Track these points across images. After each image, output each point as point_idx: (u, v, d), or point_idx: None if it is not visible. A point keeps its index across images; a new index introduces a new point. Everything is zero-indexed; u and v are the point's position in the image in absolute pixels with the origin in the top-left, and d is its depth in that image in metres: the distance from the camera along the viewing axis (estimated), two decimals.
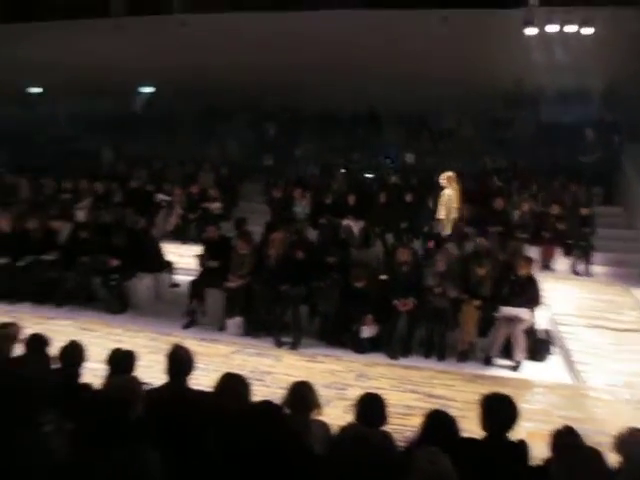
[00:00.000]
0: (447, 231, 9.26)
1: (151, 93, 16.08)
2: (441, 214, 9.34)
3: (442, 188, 9.46)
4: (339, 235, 8.87)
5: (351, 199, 10.50)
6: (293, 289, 7.12)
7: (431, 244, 8.76)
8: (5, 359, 4.15)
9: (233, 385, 3.26)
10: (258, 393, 3.70)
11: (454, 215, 9.28)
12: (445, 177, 9.36)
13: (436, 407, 3.47)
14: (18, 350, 4.28)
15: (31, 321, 6.96)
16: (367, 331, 6.84)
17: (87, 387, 3.99)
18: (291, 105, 14.04)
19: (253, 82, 13.17)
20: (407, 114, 13.37)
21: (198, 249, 8.44)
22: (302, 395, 3.40)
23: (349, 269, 7.22)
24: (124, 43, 14.55)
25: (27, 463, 2.18)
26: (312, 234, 9.64)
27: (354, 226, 9.36)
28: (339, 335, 7.06)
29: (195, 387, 3.58)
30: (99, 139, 15.02)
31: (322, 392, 3.82)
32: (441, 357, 6.85)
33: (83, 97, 15.76)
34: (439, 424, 3.15)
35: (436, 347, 6.91)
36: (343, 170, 12.69)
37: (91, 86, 14.72)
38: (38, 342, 4.23)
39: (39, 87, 16.89)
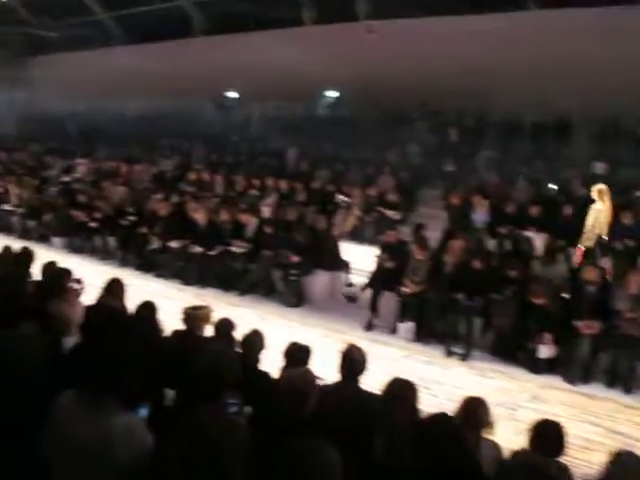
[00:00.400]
0: (588, 244, 8.40)
1: (336, 97, 16.64)
2: (587, 227, 8.48)
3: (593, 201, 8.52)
4: (520, 247, 8.46)
5: (534, 210, 9.94)
6: (468, 299, 6.92)
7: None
8: (198, 338, 4.55)
9: (403, 391, 3.23)
10: (425, 402, 3.65)
11: (598, 231, 8.38)
12: (596, 190, 8.46)
13: (621, 446, 3.16)
14: (209, 331, 4.68)
15: (218, 306, 7.57)
16: (545, 351, 6.44)
17: (265, 375, 4.23)
18: (474, 111, 13.72)
19: (436, 87, 13.08)
20: (600, 118, 12.35)
21: (374, 251, 8.57)
22: (475, 412, 3.29)
23: (529, 283, 6.86)
24: (312, 50, 15.30)
25: (217, 443, 2.28)
26: (490, 244, 9.31)
27: (536, 238, 8.86)
28: (513, 352, 6.74)
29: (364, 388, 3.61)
30: (286, 140, 15.86)
31: (491, 410, 3.66)
32: (628, 389, 6.21)
33: (273, 101, 16.77)
34: (627, 469, 2.85)
35: (622, 377, 6.28)
36: (525, 179, 12.05)
37: (281, 91, 15.59)
38: (227, 326, 4.56)
39: (235, 92, 18.27)
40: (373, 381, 3.68)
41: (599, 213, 8.38)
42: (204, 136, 17.36)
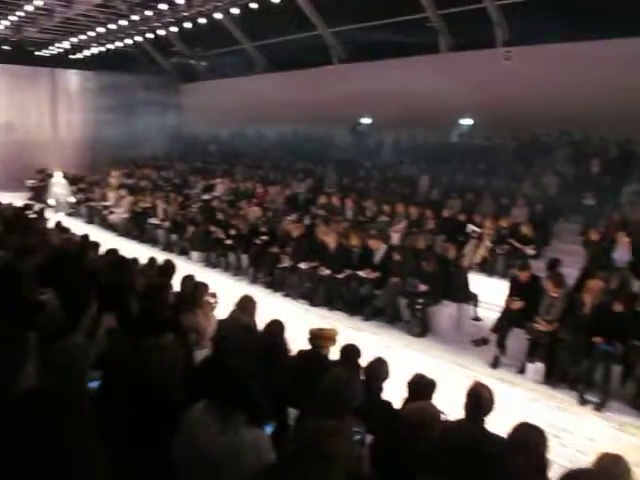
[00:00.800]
0: None
1: (470, 125, 16.36)
2: None
3: None
4: None
5: None
6: (607, 344, 6.44)
7: None
8: (323, 359, 4.63)
9: (531, 437, 3.03)
10: (554, 452, 3.43)
11: None
12: None
13: None
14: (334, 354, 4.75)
15: (342, 330, 7.68)
16: None
17: (388, 404, 4.20)
18: (618, 140, 12.88)
19: (576, 114, 12.48)
20: None
21: (504, 284, 8.26)
22: (616, 474, 3.03)
23: None
24: (447, 77, 15.23)
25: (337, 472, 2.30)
26: (634, 285, 8.62)
27: None
28: None
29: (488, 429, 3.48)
30: (418, 167, 15.81)
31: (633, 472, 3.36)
32: None
33: (407, 128, 16.81)
34: None
35: None
36: None
37: (415, 118, 15.60)
38: (353, 352, 4.60)
39: (369, 118, 18.53)
40: (497, 422, 3.55)
41: None
42: (337, 161, 17.76)
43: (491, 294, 8.88)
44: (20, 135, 23.32)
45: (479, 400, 3.47)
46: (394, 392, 4.38)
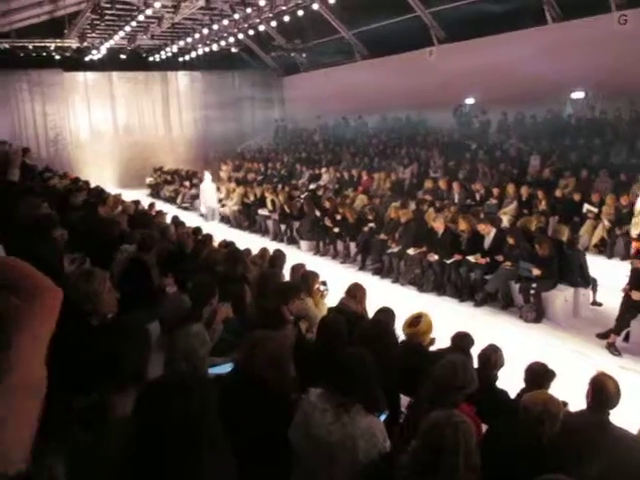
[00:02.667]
0: None
1: (583, 99, 15.43)
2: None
3: None
4: None
5: None
6: None
7: None
8: (429, 353, 4.60)
9: None
10: None
11: None
12: None
13: None
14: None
15: (453, 316, 7.61)
16: None
17: (503, 393, 4.13)
18: None
19: None
20: None
21: (625, 266, 7.78)
22: None
23: None
24: (556, 49, 14.42)
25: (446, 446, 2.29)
26: None
27: None
28: None
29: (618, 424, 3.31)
30: (527, 146, 15.17)
31: None
32: None
33: (514, 106, 16.15)
34: None
35: None
36: None
37: (522, 95, 14.97)
38: (464, 340, 4.54)
39: (474, 98, 17.99)
40: (622, 415, 3.37)
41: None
42: (442, 144, 17.43)
43: (611, 277, 8.39)
44: (138, 136, 24.91)
45: (603, 392, 3.29)
46: (509, 381, 4.28)
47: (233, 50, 23.94)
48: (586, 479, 2.78)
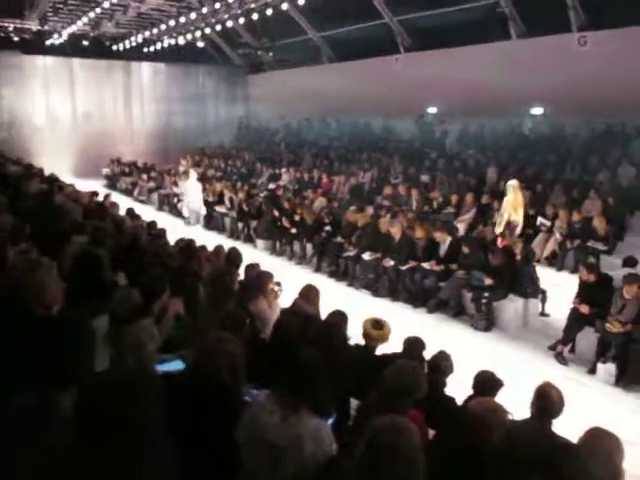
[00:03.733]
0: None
1: (541, 115, 15.82)
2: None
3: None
4: None
5: None
6: None
7: None
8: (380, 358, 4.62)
9: (605, 445, 2.78)
10: (628, 460, 3.27)
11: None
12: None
13: None
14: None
15: (406, 322, 7.66)
16: None
17: (451, 400, 4.17)
18: None
19: None
20: None
21: (574, 280, 7.99)
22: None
23: None
24: (518, 64, 14.78)
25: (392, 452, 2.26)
26: None
27: None
28: None
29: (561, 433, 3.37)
30: (485, 157, 15.45)
31: None
32: None
33: (474, 117, 16.44)
34: None
35: None
36: None
37: (483, 107, 15.27)
38: (417, 345, 4.57)
39: (436, 107, 18.25)
40: (564, 425, 3.43)
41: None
42: (403, 151, 17.60)
43: (561, 289, 8.61)
44: (97, 125, 24.33)
45: (547, 401, 3.36)
46: (457, 388, 4.33)
47: (199, 44, 23.68)
48: None
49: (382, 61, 19.62)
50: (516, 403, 3.69)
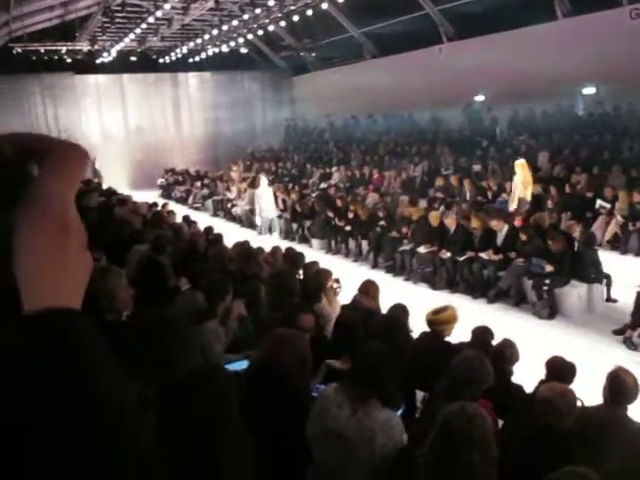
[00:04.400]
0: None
1: (594, 94, 15.33)
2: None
3: None
4: None
5: None
6: None
7: None
8: (447, 343, 4.60)
9: None
10: None
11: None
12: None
13: None
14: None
15: (467, 313, 7.56)
16: None
17: (519, 388, 4.12)
18: None
19: None
20: None
21: (639, 262, 7.74)
22: None
23: None
24: (567, 44, 14.35)
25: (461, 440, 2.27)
26: None
27: None
28: None
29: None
30: (538, 142, 15.10)
31: None
32: None
33: (524, 102, 16.08)
34: None
35: None
36: None
37: (532, 90, 14.93)
38: (485, 334, 4.55)
39: (484, 95, 17.92)
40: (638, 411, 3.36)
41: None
42: (452, 142, 17.38)
43: (625, 273, 8.34)
44: (149, 138, 25.04)
45: (621, 386, 3.29)
46: (524, 376, 4.27)
47: (242, 51, 24.06)
48: (604, 473, 2.77)
49: (426, 52, 19.45)
50: (586, 390, 3.63)
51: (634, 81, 13.01)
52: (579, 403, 3.32)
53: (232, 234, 10.91)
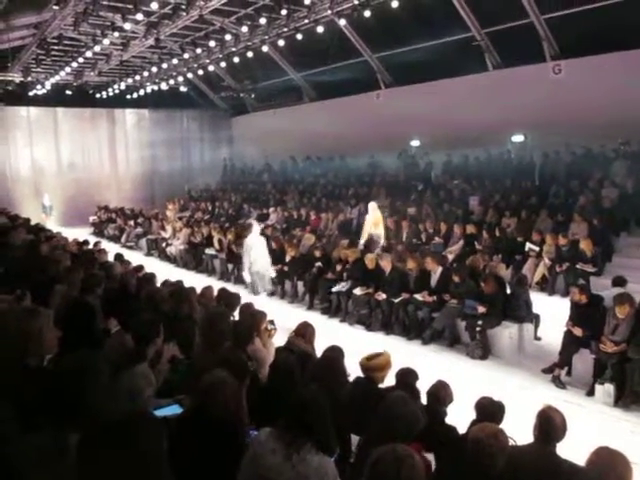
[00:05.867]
0: None
1: (522, 142, 16.08)
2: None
3: None
4: None
5: None
6: None
7: None
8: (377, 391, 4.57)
9: (613, 465, 2.83)
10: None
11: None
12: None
13: None
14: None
15: (401, 354, 7.60)
16: None
17: (452, 429, 4.13)
18: None
19: (634, 124, 12.13)
20: None
21: (565, 303, 8.03)
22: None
23: None
24: (497, 95, 15.13)
25: None
26: None
27: None
28: None
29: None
30: (471, 187, 15.63)
31: None
32: None
33: (457, 149, 16.68)
34: None
35: None
36: None
37: (465, 138, 15.53)
38: (409, 376, 4.54)
39: (419, 140, 18.50)
40: (566, 447, 3.42)
41: None
42: (388, 185, 17.75)
43: (553, 313, 8.64)
44: (82, 173, 24.45)
45: (550, 424, 3.36)
46: (458, 417, 4.29)
47: (182, 89, 24.01)
48: None
49: (364, 97, 19.96)
50: (517, 429, 3.68)
51: (557, 130, 13.74)
52: (512, 442, 3.36)
53: (166, 274, 10.65)
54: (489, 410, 3.92)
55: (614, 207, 12.06)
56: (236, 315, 6.37)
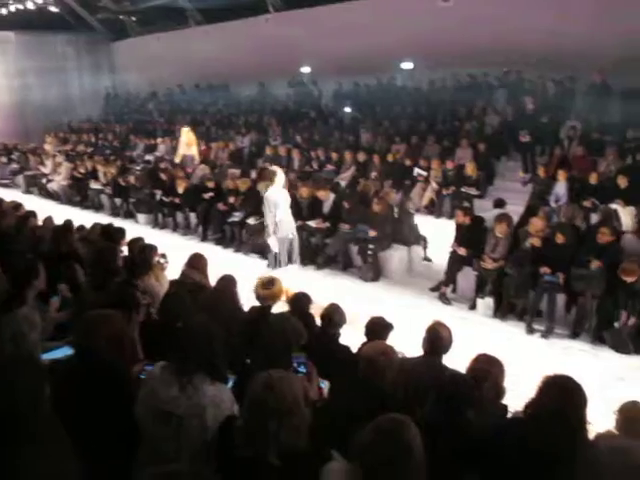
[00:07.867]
0: None
1: (411, 69, 16.24)
2: None
3: None
4: (608, 221, 8.02)
5: (622, 182, 9.36)
6: (551, 275, 6.67)
7: None
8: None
9: (490, 368, 3.16)
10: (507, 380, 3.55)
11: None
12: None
13: None
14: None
15: (296, 280, 7.72)
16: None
17: (346, 348, 4.28)
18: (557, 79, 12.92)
19: (517, 52, 12.58)
20: None
21: (451, 225, 8.43)
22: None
23: (619, 259, 6.49)
24: (387, 20, 15.04)
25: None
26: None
27: (622, 212, 8.45)
28: (599, 330, 6.46)
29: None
30: (361, 114, 15.72)
31: None
32: None
33: (348, 75, 16.57)
34: None
35: None
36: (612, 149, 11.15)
37: (355, 64, 15.41)
38: (303, 300, 4.63)
39: (309, 67, 18.17)
40: (458, 358, 3.65)
41: None
42: (280, 112, 17.48)
43: (440, 235, 9.04)
44: None
45: (438, 338, 3.59)
46: (352, 339, 4.44)
47: (52, 9, 21.90)
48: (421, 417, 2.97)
49: (252, 22, 19.21)
50: (408, 344, 3.88)
51: (444, 59, 13.99)
52: (402, 356, 3.56)
53: (49, 212, 10.02)
54: (377, 328, 4.10)
55: (496, 133, 12.61)
56: (125, 251, 6.16)
